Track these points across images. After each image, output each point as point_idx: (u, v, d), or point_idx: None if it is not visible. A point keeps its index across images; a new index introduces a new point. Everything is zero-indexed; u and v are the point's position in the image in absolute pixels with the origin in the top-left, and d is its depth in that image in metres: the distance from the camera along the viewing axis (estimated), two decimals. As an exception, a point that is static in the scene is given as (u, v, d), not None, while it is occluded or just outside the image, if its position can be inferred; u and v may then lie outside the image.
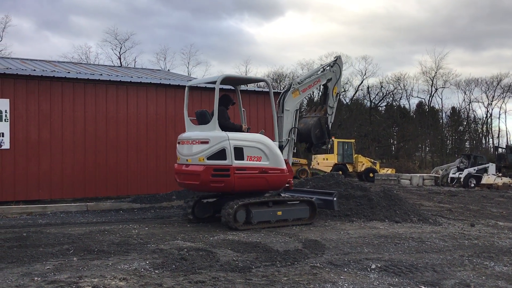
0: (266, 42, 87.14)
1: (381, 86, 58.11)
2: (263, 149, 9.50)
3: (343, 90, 58.15)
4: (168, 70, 44.18)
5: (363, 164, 31.77)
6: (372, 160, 33.87)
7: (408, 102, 60.79)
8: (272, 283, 5.38)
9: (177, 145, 10.01)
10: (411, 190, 21.78)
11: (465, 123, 59.93)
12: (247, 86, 16.02)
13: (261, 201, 9.51)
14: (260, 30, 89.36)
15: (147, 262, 6.24)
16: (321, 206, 10.60)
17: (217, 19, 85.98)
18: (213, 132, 9.29)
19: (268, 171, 9.51)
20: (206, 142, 9.18)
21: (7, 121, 12.65)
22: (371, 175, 30.62)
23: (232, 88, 11.11)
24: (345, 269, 6.10)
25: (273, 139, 9.91)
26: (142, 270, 5.86)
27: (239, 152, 9.21)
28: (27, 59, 19.86)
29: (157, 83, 14.83)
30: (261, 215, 9.39)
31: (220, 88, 9.37)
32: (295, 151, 10.68)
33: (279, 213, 9.62)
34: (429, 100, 59.01)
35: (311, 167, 33.22)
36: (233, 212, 8.99)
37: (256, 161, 9.40)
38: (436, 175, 28.55)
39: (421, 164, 49.68)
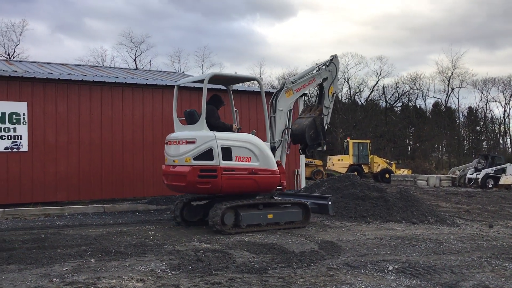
0: (279, 43, 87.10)
1: (397, 86, 57.79)
2: (252, 150, 9.22)
3: (358, 91, 58.00)
4: (183, 72, 44.39)
5: (379, 165, 31.58)
6: (388, 161, 33.65)
7: (424, 102, 60.22)
8: (289, 285, 5.37)
9: (165, 145, 9.81)
10: (428, 191, 21.60)
11: (482, 123, 59.24)
12: (243, 85, 15.91)
13: (251, 204, 9.20)
14: (272, 31, 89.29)
15: (164, 263, 6.28)
16: (316, 211, 10.29)
17: (229, 21, 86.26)
18: (200, 132, 9.06)
19: (258, 172, 9.22)
20: (193, 142, 8.94)
21: (25, 124, 12.82)
22: (387, 176, 30.44)
23: (224, 88, 10.90)
24: (362, 271, 6.07)
25: (265, 140, 9.66)
26: (159, 271, 5.89)
27: (227, 152, 8.95)
28: (44, 63, 20.09)
29: (173, 85, 14.90)
30: (250, 218, 9.08)
31: (211, 88, 9.23)
32: (288, 152, 10.32)
33: (270, 216, 9.30)
34: (445, 100, 58.53)
35: (326, 168, 33.14)
36: (220, 215, 8.70)
37: (245, 161, 9.12)
38: (453, 175, 28.28)
39: (438, 164, 49.22)
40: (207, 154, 8.84)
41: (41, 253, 6.87)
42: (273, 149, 9.82)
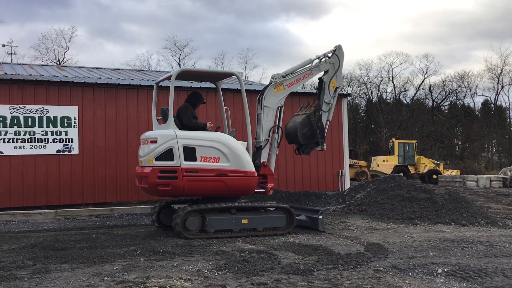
0: (316, 43, 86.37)
1: (444, 85, 56.36)
2: (221, 149, 8.60)
3: (403, 90, 56.88)
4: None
5: (426, 165, 30.88)
6: (436, 161, 32.87)
7: (473, 100, 58.72)
8: (335, 287, 5.33)
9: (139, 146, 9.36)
10: (478, 192, 20.98)
11: (535, 121, 56.94)
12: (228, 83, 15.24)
13: (221, 207, 8.60)
14: (307, 30, 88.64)
15: (210, 264, 6.36)
16: (308, 225, 9.56)
17: (263, 21, 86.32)
18: (161, 131, 8.73)
19: (228, 174, 8.58)
20: (155, 142, 8.50)
21: (76, 127, 13.27)
22: (434, 176, 29.72)
23: (213, 86, 10.40)
24: (410, 274, 5.97)
25: (245, 139, 9.08)
26: (206, 271, 5.97)
27: (190, 152, 8.42)
28: (93, 68, 20.75)
29: (214, 87, 15.06)
30: (219, 223, 8.52)
31: (199, 87, 8.62)
32: (277, 152, 9.60)
33: (244, 221, 8.67)
34: (495, 98, 56.62)
35: (370, 169, 32.70)
36: (182, 220, 8.26)
37: (212, 162, 8.54)
38: (505, 176, 27.28)
39: (488, 165, 47.67)
40: (167, 154, 8.37)
41: (93, 252, 7.08)
42: (259, 149, 9.28)
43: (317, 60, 10.18)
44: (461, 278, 5.78)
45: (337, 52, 10.29)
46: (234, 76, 10.06)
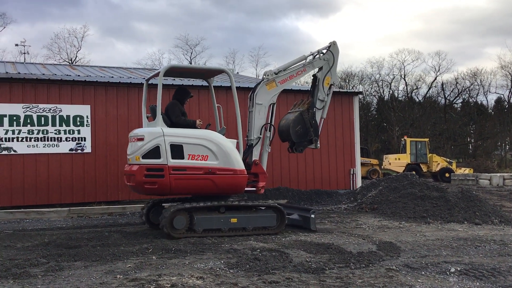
0: (325, 41, 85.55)
1: (456, 82, 55.87)
2: (210, 147, 8.46)
3: (415, 87, 56.50)
4: (237, 73, 44.81)
5: (438, 163, 30.64)
6: (448, 159, 32.61)
7: (486, 98, 58.10)
8: (347, 285, 5.32)
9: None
10: (491, 191, 20.77)
11: (549, 119, 56.22)
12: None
13: (207, 206, 8.42)
14: (317, 28, 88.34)
15: (222, 262, 6.37)
16: (300, 224, 9.42)
17: (273, 19, 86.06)
18: (148, 128, 8.65)
19: (216, 172, 8.43)
20: (142, 139, 8.37)
21: (89, 126, 13.37)
22: (447, 175, 29.48)
23: (206, 84, 10.25)
24: (423, 272, 5.93)
25: (235, 137, 8.96)
26: (218, 269, 5.98)
27: (177, 150, 8.28)
28: (105, 67, 20.86)
29: (228, 86, 15.09)
30: (207, 222, 8.35)
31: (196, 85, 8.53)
32: (269, 150, 9.44)
33: (234, 220, 8.47)
34: (508, 96, 56.06)
35: (382, 167, 32.53)
36: (169, 218, 8.11)
37: (200, 160, 8.41)
38: (518, 174, 27.03)
39: (501, 163, 47.19)
40: (154, 152, 8.23)
41: (105, 250, 7.13)
42: (250, 147, 9.16)
43: (311, 57, 10.01)
44: (474, 277, 5.74)
45: (332, 49, 10.05)
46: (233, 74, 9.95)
